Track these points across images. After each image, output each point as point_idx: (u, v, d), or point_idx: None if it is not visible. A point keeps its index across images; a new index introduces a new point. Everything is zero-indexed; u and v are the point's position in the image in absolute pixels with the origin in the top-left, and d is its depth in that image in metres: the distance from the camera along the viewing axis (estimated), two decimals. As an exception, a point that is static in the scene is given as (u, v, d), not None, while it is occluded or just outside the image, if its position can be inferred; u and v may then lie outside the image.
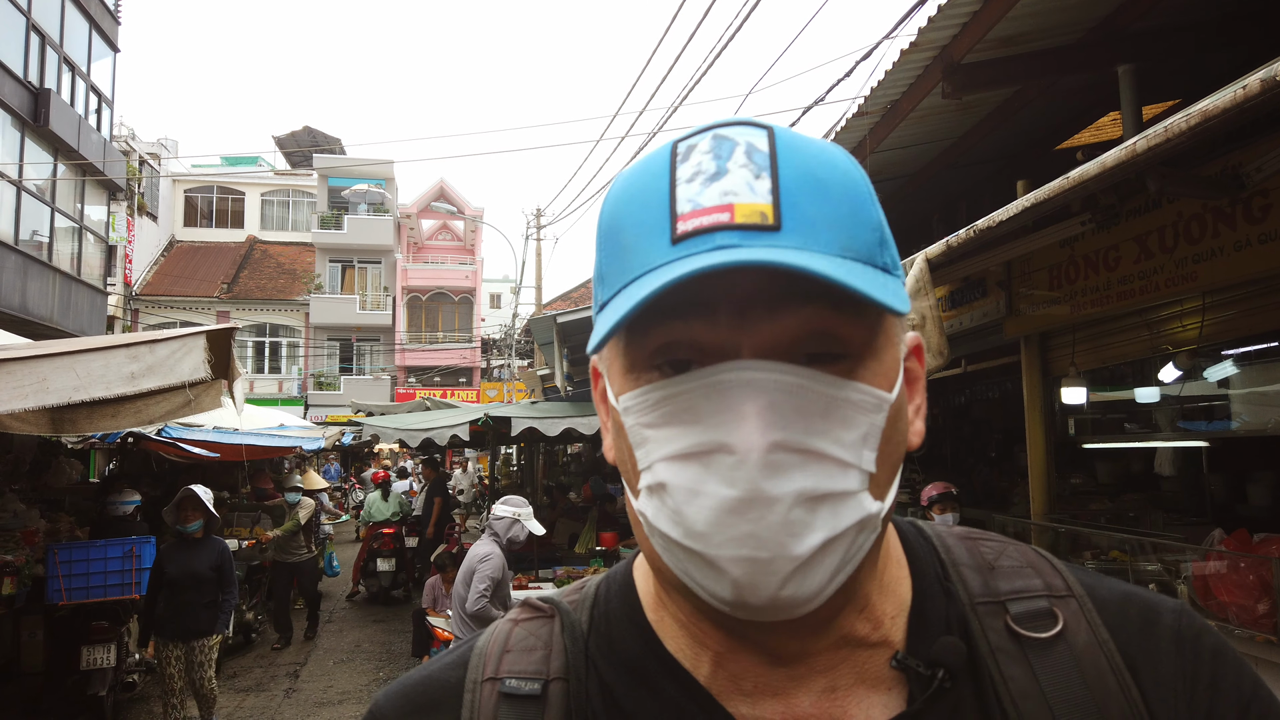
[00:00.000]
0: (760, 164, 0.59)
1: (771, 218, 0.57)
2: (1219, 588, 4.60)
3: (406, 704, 0.74)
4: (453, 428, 9.82)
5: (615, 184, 0.67)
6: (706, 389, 0.58)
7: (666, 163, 0.62)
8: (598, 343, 0.60)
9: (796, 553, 0.56)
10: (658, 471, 0.60)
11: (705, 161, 0.60)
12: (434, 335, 33.69)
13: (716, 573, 0.58)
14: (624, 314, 0.56)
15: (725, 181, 0.59)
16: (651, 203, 0.61)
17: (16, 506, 8.05)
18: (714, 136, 0.62)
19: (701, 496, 0.57)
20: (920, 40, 5.12)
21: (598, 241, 0.66)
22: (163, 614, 6.51)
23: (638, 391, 0.62)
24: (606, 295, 0.63)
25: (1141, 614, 0.71)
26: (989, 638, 0.68)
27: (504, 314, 39.43)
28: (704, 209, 0.58)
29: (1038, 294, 6.37)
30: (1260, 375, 5.49)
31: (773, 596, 0.57)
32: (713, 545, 0.57)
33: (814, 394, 0.58)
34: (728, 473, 0.56)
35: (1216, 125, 2.55)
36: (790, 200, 0.58)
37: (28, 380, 3.73)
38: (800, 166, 0.60)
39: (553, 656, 0.72)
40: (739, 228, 0.57)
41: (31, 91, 15.43)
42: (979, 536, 0.78)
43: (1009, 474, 9.48)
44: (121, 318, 27.79)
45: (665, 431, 0.60)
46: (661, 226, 0.59)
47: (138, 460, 12.25)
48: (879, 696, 0.66)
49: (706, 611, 0.64)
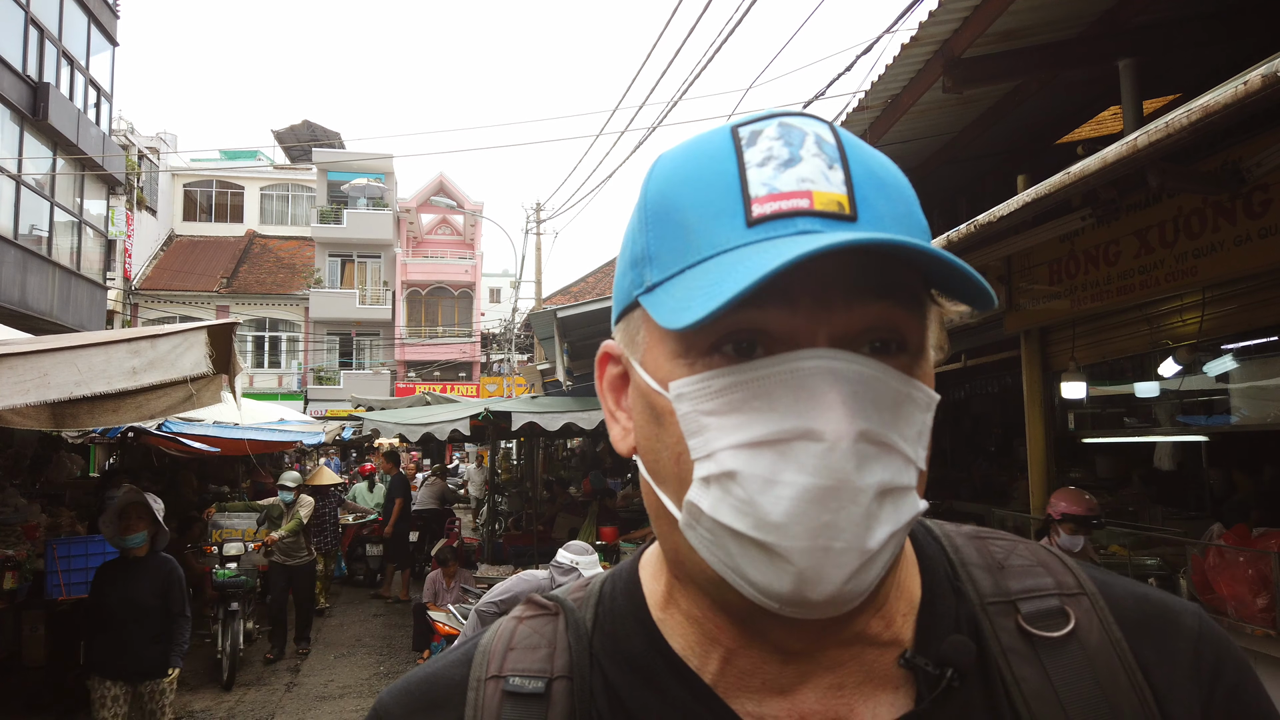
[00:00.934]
0: (831, 155, 0.60)
1: (848, 208, 0.58)
2: (1218, 582, 4.61)
3: (411, 701, 0.73)
4: (453, 422, 9.83)
5: (662, 164, 0.66)
6: (784, 375, 0.57)
7: (729, 145, 0.61)
8: (697, 320, 0.54)
9: (869, 545, 0.56)
10: (723, 460, 0.58)
11: (776, 147, 0.60)
12: (434, 330, 33.69)
13: (779, 565, 0.56)
14: (733, 294, 0.52)
15: (801, 168, 0.59)
16: (716, 183, 0.60)
17: (17, 501, 8.08)
18: (780, 124, 0.61)
19: (779, 485, 0.56)
20: (921, 35, 5.11)
21: (642, 221, 0.64)
22: (99, 651, 5.38)
23: (697, 377, 0.60)
24: (660, 276, 0.61)
25: (1158, 615, 0.70)
26: (1000, 638, 0.67)
27: (503, 308, 39.43)
28: (782, 193, 0.58)
29: (1038, 289, 6.37)
30: (1260, 370, 5.50)
31: (836, 590, 0.56)
32: (788, 536, 0.55)
33: (887, 387, 0.58)
34: (813, 460, 0.55)
35: (1218, 121, 2.55)
36: (862, 193, 0.59)
37: (29, 375, 3.74)
38: (863, 163, 0.61)
39: (557, 654, 0.71)
40: (818, 214, 0.57)
41: (30, 85, 15.40)
42: (988, 535, 0.77)
43: (1009, 468, 9.50)
44: (121, 312, 27.78)
45: (733, 419, 0.58)
46: (733, 208, 0.59)
47: (138, 455, 12.27)
48: (886, 695, 0.66)
49: (725, 607, 0.64)
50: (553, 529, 11.30)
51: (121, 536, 5.39)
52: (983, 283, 0.57)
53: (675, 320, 0.57)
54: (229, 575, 8.58)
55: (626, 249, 0.67)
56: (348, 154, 33.45)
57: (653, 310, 0.60)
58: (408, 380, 31.87)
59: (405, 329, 32.77)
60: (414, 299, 33.73)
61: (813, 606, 0.57)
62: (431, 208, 34.84)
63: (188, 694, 8.04)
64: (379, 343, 32.97)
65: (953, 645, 0.65)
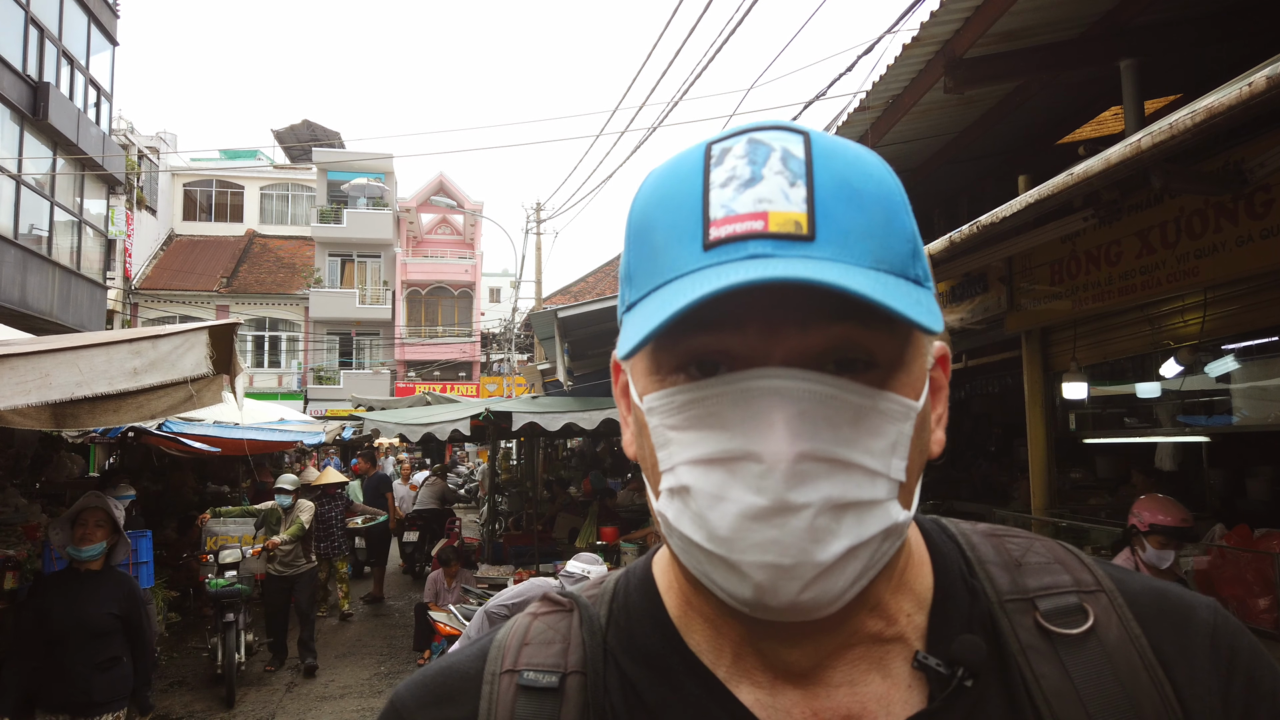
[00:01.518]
0: (796, 171, 0.59)
1: (806, 227, 0.57)
2: (1220, 582, 4.61)
3: (426, 695, 0.74)
4: (453, 422, 9.83)
5: (646, 182, 0.66)
6: (735, 395, 0.58)
7: (700, 165, 0.61)
8: (627, 352, 0.58)
9: (819, 559, 0.57)
10: (680, 474, 0.60)
11: (740, 166, 0.59)
12: (433, 330, 33.68)
13: (738, 576, 0.58)
14: (653, 329, 0.55)
15: (760, 188, 0.58)
16: (683, 205, 0.60)
17: (18, 501, 8.07)
18: (749, 140, 0.61)
19: (725, 502, 0.57)
20: (922, 35, 5.11)
21: (626, 239, 0.66)
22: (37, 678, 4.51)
23: (663, 393, 0.62)
24: (635, 296, 0.63)
25: (1176, 609, 0.70)
26: (1019, 636, 0.68)
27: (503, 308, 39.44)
28: (737, 215, 0.57)
29: (1039, 289, 6.37)
30: (1261, 370, 5.50)
31: (793, 601, 0.57)
32: (735, 550, 0.57)
33: (844, 403, 0.58)
34: (754, 480, 0.56)
35: (1221, 122, 2.55)
36: (825, 209, 0.58)
37: (31, 375, 3.73)
38: (836, 174, 0.59)
39: (570, 650, 0.72)
40: (773, 236, 0.56)
41: (30, 85, 15.39)
42: (1004, 533, 0.78)
43: (1009, 469, 9.49)
44: (121, 312, 27.77)
45: (690, 435, 0.60)
46: (693, 231, 0.59)
47: (138, 455, 12.27)
48: (899, 694, 0.66)
49: (726, 608, 0.65)
50: (553, 529, 11.30)
51: (76, 546, 4.63)
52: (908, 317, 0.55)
53: (621, 348, 0.59)
54: (223, 585, 8.02)
55: (621, 265, 0.68)
56: (348, 154, 33.45)
57: (623, 331, 0.62)
58: (408, 380, 31.87)
59: (405, 329, 32.77)
60: (414, 299, 33.73)
61: (780, 612, 0.58)
62: (431, 207, 34.84)
63: (188, 693, 8.05)
64: (379, 342, 32.96)
65: (963, 645, 0.65)
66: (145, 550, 7.69)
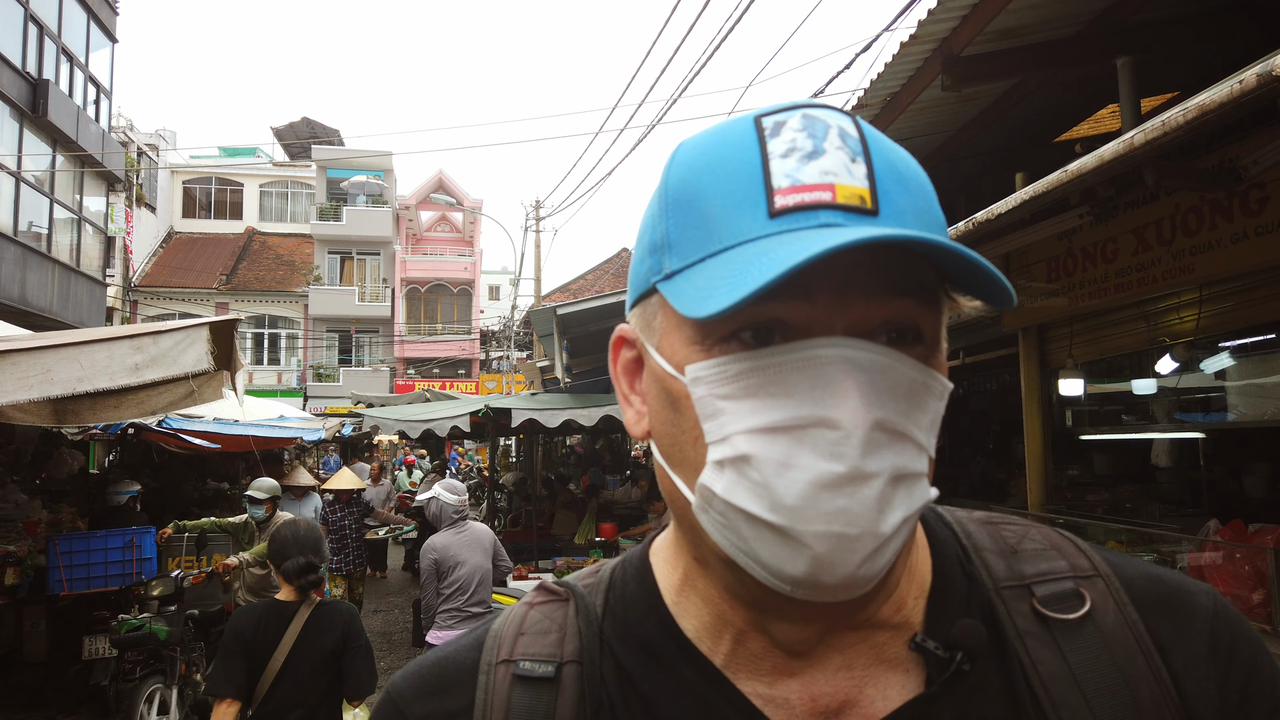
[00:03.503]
0: (854, 148, 0.60)
1: (870, 202, 0.58)
2: (1214, 578, 4.64)
3: (422, 685, 0.74)
4: (453, 419, 9.84)
5: (684, 151, 0.66)
6: (801, 363, 0.57)
7: (752, 135, 0.61)
8: (717, 311, 0.55)
9: (882, 529, 0.57)
10: (738, 443, 0.58)
11: (800, 139, 0.60)
12: (433, 327, 33.67)
13: (794, 549, 0.57)
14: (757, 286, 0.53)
15: (824, 161, 0.59)
16: (739, 173, 0.60)
17: (18, 497, 8.08)
18: (804, 115, 0.61)
19: (794, 470, 0.56)
20: (920, 33, 5.13)
21: (663, 207, 0.65)
22: None
23: (713, 362, 0.60)
24: (680, 263, 0.62)
25: (1173, 595, 0.70)
26: (1016, 621, 0.68)
27: (503, 306, 39.42)
28: (805, 185, 0.58)
29: (1036, 286, 6.39)
30: (1257, 367, 5.52)
31: (850, 574, 0.57)
32: (801, 520, 0.56)
33: (903, 376, 0.59)
34: (828, 447, 0.56)
35: (1214, 119, 2.57)
36: (883, 187, 0.59)
37: (33, 371, 3.75)
38: (885, 157, 0.61)
39: (567, 639, 0.72)
40: (841, 208, 0.57)
41: (30, 82, 15.39)
42: (999, 521, 0.78)
43: (1007, 465, 9.51)
44: (121, 309, 27.77)
45: (748, 404, 0.59)
46: (755, 198, 0.59)
47: (138, 451, 12.28)
48: (896, 677, 0.66)
49: (738, 589, 0.65)
50: (552, 525, 11.32)
51: None
52: (1003, 280, 0.58)
53: (696, 309, 0.57)
54: (131, 626, 5.93)
55: (645, 235, 0.67)
56: (347, 151, 33.41)
57: (672, 298, 0.61)
58: (407, 377, 31.87)
59: (405, 326, 32.76)
60: (413, 296, 33.72)
61: (826, 590, 0.58)
62: (431, 205, 34.82)
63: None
64: (378, 340, 32.95)
65: (962, 629, 0.65)
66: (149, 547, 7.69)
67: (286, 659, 3.60)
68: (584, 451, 18.13)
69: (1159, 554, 5.59)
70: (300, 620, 3.69)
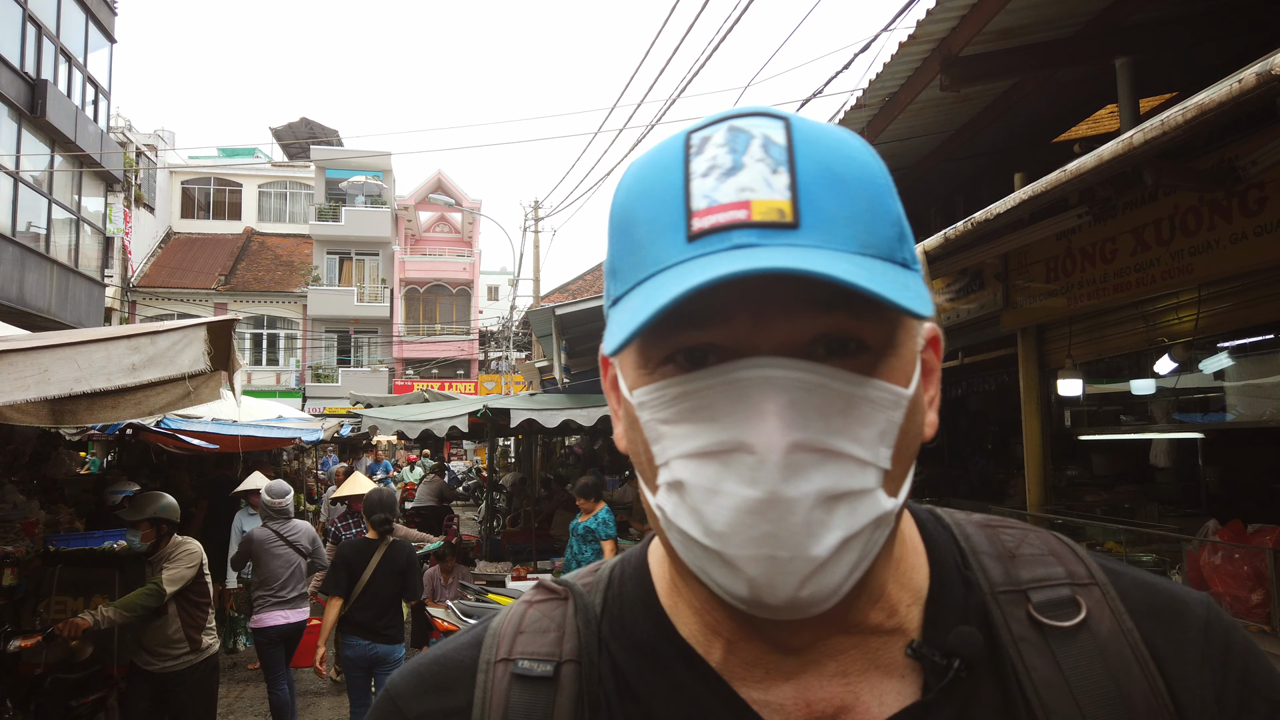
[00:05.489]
0: (777, 158, 0.58)
1: (790, 214, 0.56)
2: (1213, 578, 4.63)
3: (421, 683, 0.74)
4: (452, 419, 9.84)
5: (627, 174, 0.65)
6: (724, 386, 0.57)
7: (680, 155, 0.60)
8: (614, 349, 0.57)
9: (815, 554, 0.55)
10: (675, 469, 0.59)
11: (720, 155, 0.58)
12: (432, 327, 33.67)
13: (734, 571, 0.57)
14: (638, 325, 0.54)
15: (742, 176, 0.57)
16: (665, 197, 0.59)
17: (16, 498, 8.06)
18: (729, 128, 0.60)
19: (720, 496, 0.56)
20: (919, 33, 5.13)
21: (609, 234, 0.65)
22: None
23: (652, 387, 0.60)
24: (619, 291, 0.61)
25: (1168, 604, 0.70)
26: (1011, 627, 0.67)
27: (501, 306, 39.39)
28: (720, 205, 0.56)
29: (1035, 286, 6.40)
30: (1255, 367, 5.52)
31: (791, 597, 0.56)
32: (731, 545, 0.56)
33: (834, 392, 0.57)
34: (748, 473, 0.55)
35: (1213, 119, 2.57)
36: (808, 196, 0.57)
37: (29, 371, 3.74)
38: (818, 159, 0.58)
39: (565, 639, 0.72)
40: (756, 225, 0.55)
41: (28, 82, 15.38)
42: (999, 524, 0.77)
43: (1005, 466, 9.52)
44: (119, 310, 27.75)
45: (682, 428, 0.59)
46: (676, 222, 0.58)
47: (136, 452, 12.27)
48: (893, 684, 0.66)
49: (720, 600, 0.64)
50: (551, 526, 11.32)
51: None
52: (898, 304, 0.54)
53: (607, 344, 0.57)
54: None
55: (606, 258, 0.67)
56: (346, 151, 33.40)
57: (609, 326, 0.60)
58: (406, 378, 31.87)
59: (403, 326, 32.76)
60: (412, 296, 33.72)
61: (775, 610, 0.57)
62: (430, 205, 34.83)
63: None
64: (377, 340, 32.95)
65: (960, 636, 0.65)
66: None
67: (371, 574, 5.71)
68: (583, 452, 18.13)
69: (1158, 554, 5.60)
70: (380, 552, 5.80)
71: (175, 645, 5.10)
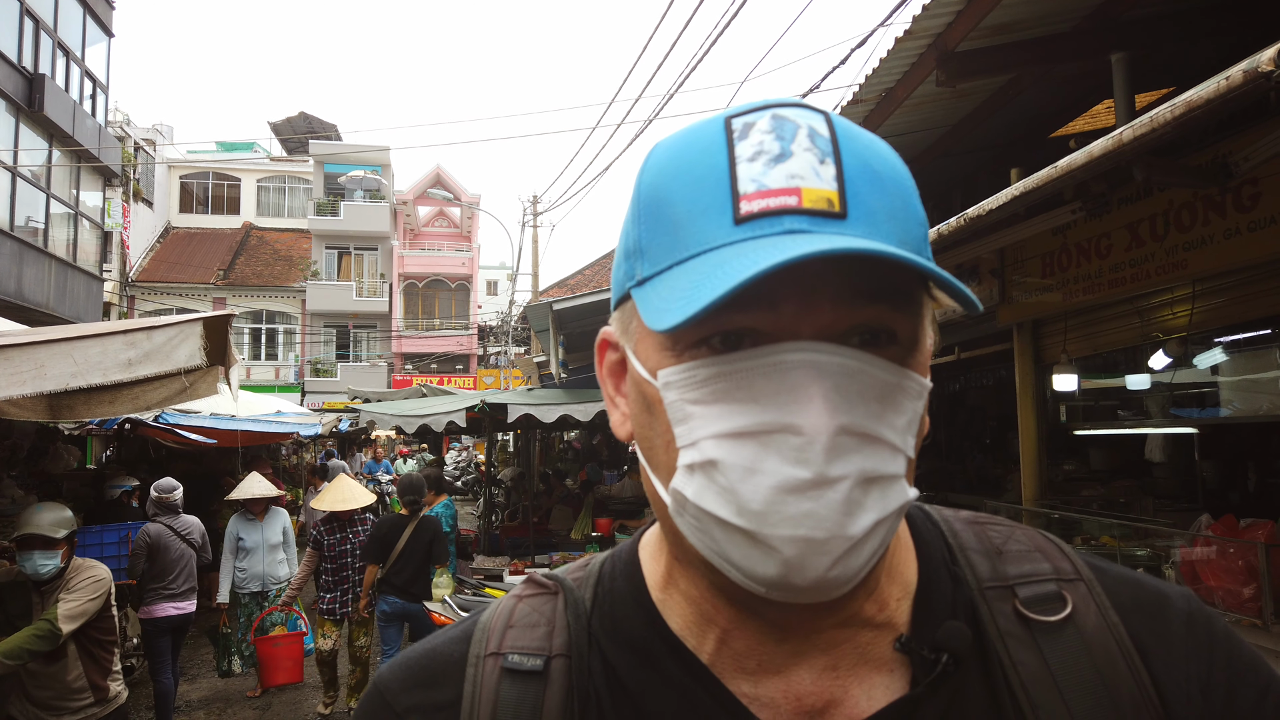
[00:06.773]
0: (824, 149, 0.58)
1: (838, 205, 0.57)
2: (1206, 572, 4.65)
3: (410, 677, 0.74)
4: (450, 414, 9.85)
5: (656, 155, 0.65)
6: (767, 368, 0.57)
7: (721, 138, 0.60)
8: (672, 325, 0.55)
9: (851, 532, 0.56)
10: (705, 448, 0.59)
11: (767, 141, 0.59)
12: (430, 322, 33.66)
13: (764, 552, 0.57)
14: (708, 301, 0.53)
15: (791, 164, 0.58)
16: (707, 178, 0.59)
17: (14, 492, 8.10)
18: (773, 116, 0.60)
19: (759, 475, 0.56)
20: (915, 28, 5.13)
21: (635, 213, 0.64)
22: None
23: (683, 367, 0.60)
24: (650, 270, 0.61)
25: (1151, 598, 0.71)
26: (998, 622, 0.68)
27: (500, 301, 39.39)
28: (770, 190, 0.57)
29: (1030, 281, 6.41)
30: (1250, 362, 5.54)
31: (821, 576, 0.57)
32: (768, 524, 0.56)
33: (873, 379, 0.58)
34: (793, 453, 0.56)
35: (1202, 115, 2.58)
36: (854, 188, 0.58)
37: (26, 366, 3.75)
38: (858, 155, 0.59)
39: (555, 633, 0.72)
40: (807, 213, 0.56)
41: (26, 77, 15.35)
42: (986, 521, 0.78)
43: (1002, 460, 9.54)
44: (118, 304, 27.73)
45: (716, 409, 0.58)
46: (721, 204, 0.58)
47: (135, 447, 12.29)
48: (881, 678, 0.66)
49: (721, 587, 0.65)
50: (549, 520, 11.34)
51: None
52: (966, 292, 0.57)
53: (657, 321, 0.57)
54: None
55: (623, 239, 0.67)
56: (344, 146, 33.36)
57: (640, 306, 0.60)
58: (405, 372, 31.87)
59: (402, 321, 32.75)
60: (411, 291, 33.70)
61: (799, 591, 0.58)
62: (428, 200, 34.77)
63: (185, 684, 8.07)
64: (376, 335, 32.94)
65: (948, 631, 0.66)
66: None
67: (404, 544, 6.75)
68: (581, 447, 18.16)
69: (1152, 549, 5.62)
70: (411, 526, 6.86)
71: (76, 696, 3.97)
